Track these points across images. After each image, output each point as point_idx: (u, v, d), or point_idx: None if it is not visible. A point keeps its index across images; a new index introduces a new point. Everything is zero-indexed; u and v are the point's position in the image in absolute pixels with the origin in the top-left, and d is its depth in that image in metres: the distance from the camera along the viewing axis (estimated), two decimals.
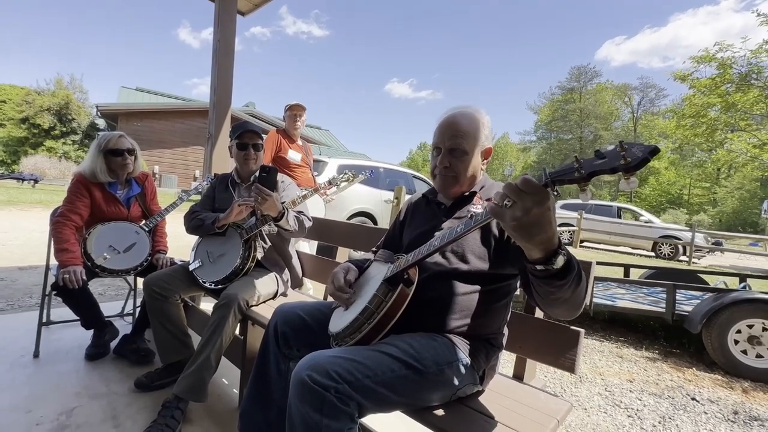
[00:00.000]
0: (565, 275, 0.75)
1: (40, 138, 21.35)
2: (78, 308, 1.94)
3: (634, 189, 3.22)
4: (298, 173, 3.15)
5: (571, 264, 0.76)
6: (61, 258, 1.82)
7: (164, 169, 17.44)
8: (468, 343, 1.06)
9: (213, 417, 1.58)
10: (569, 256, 0.76)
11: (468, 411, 1.03)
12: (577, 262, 0.78)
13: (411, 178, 6.62)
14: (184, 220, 1.93)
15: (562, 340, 1.16)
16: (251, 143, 1.90)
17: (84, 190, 1.99)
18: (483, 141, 1.14)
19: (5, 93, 27.85)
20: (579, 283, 0.79)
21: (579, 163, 0.67)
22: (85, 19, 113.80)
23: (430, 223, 1.19)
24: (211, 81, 2.85)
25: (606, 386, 2.44)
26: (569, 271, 0.75)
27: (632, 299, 3.76)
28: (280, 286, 1.87)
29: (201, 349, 1.53)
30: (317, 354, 0.92)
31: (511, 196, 0.69)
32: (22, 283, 3.32)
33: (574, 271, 0.76)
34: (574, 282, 0.77)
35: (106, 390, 1.71)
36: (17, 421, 1.44)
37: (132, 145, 2.11)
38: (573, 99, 37.11)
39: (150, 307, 1.75)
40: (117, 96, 19.92)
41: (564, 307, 0.84)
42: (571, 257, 0.77)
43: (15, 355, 1.92)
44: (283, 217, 1.66)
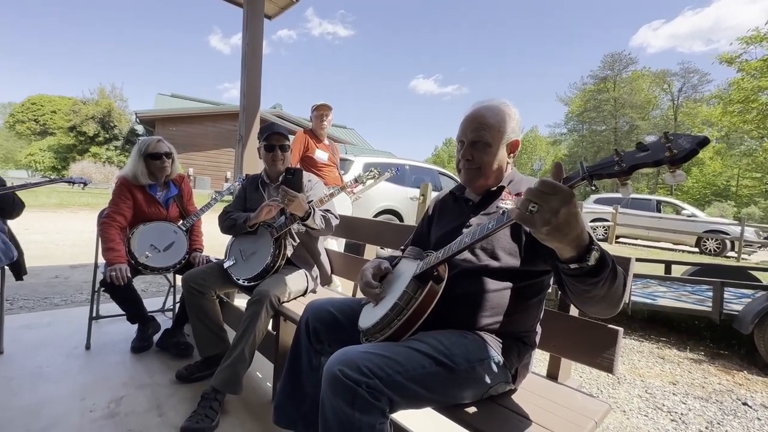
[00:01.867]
0: (599, 272, 0.72)
1: (86, 144, 22.84)
2: (123, 304, 2.06)
3: (681, 183, 3.00)
4: (326, 172, 3.19)
5: (604, 260, 0.73)
6: (107, 257, 1.94)
7: (198, 171, 18.17)
8: (500, 341, 1.04)
9: (248, 409, 1.64)
10: (603, 253, 0.73)
11: (501, 410, 1.01)
12: (611, 258, 0.75)
13: (437, 175, 6.56)
14: (219, 220, 2.00)
15: (598, 339, 1.12)
16: (278, 144, 1.95)
17: (127, 192, 2.11)
18: (509, 133, 1.11)
19: (55, 104, 30.01)
20: (615, 279, 0.76)
21: (619, 156, 0.65)
22: (124, 32, 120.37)
23: (458, 220, 1.18)
24: (240, 85, 2.94)
25: (646, 388, 2.33)
26: (603, 267, 0.73)
27: (674, 297, 3.56)
28: (309, 283, 1.91)
29: (236, 344, 1.58)
30: (348, 349, 0.93)
31: (535, 201, 0.67)
32: (73, 280, 3.58)
33: (608, 268, 0.73)
34: (609, 278, 0.74)
35: (150, 381, 1.81)
36: (73, 409, 1.55)
37: (169, 148, 2.21)
38: (606, 88, 35.36)
39: (188, 302, 1.84)
40: (154, 102, 20.94)
41: (601, 305, 0.81)
42: (605, 253, 0.74)
43: (69, 347, 2.07)
44: (310, 217, 1.69)
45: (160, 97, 21.70)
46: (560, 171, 0.71)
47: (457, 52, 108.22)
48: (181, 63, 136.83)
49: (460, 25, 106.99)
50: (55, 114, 28.42)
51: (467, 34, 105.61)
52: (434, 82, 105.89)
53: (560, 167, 0.72)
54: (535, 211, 0.67)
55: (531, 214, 0.68)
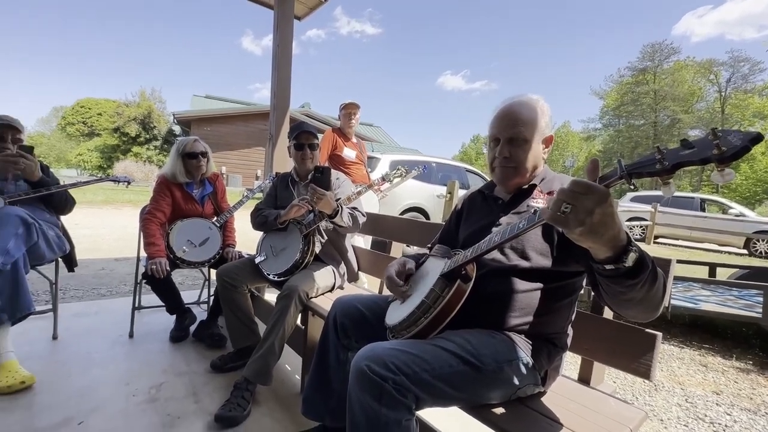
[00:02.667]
0: (637, 274, 0.69)
1: (128, 144, 24.25)
2: (163, 295, 2.19)
3: (731, 182, 2.74)
4: (353, 170, 3.23)
5: (643, 261, 0.69)
6: (149, 251, 2.06)
7: (230, 169, 18.83)
8: (529, 342, 1.02)
9: (278, 400, 1.70)
10: (641, 253, 0.70)
11: (529, 412, 0.99)
12: (650, 259, 0.72)
13: (464, 173, 6.47)
14: (251, 217, 2.07)
15: (635, 344, 1.07)
16: (307, 143, 1.99)
17: (166, 190, 2.23)
18: (543, 128, 1.09)
19: (101, 106, 31.96)
20: (654, 282, 0.72)
21: (661, 154, 0.61)
22: (162, 35, 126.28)
23: (487, 219, 1.16)
24: (271, 85, 3.01)
25: (686, 397, 2.21)
26: (641, 269, 0.69)
27: (719, 302, 3.35)
28: (337, 279, 1.95)
29: (266, 337, 1.64)
30: (375, 345, 0.94)
31: (568, 201, 0.65)
32: (118, 272, 3.81)
33: (647, 270, 0.70)
34: (647, 281, 0.70)
35: (187, 369, 1.90)
36: (118, 392, 1.66)
37: (205, 148, 2.31)
38: (646, 80, 33.46)
39: (222, 296, 1.92)
40: (190, 104, 21.84)
41: (638, 309, 0.77)
42: (644, 254, 0.70)
43: (115, 335, 2.21)
44: (338, 214, 1.72)
45: (196, 98, 22.62)
46: (596, 167, 0.68)
47: (486, 46, 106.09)
48: (215, 64, 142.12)
49: (491, 18, 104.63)
50: (100, 116, 30.31)
51: (498, 27, 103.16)
52: (462, 78, 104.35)
53: (596, 164, 0.69)
54: (568, 212, 0.65)
55: (564, 215, 0.66)
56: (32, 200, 1.94)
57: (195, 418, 1.52)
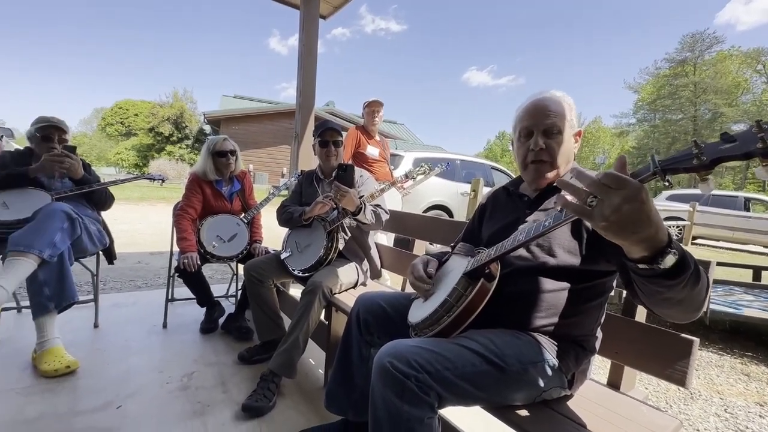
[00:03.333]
0: (676, 275, 0.65)
1: (162, 144, 25.34)
2: (194, 288, 2.28)
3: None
4: (377, 168, 3.24)
5: (685, 263, 0.65)
6: (181, 245, 2.15)
7: (257, 167, 19.31)
8: (555, 344, 1.00)
9: (302, 393, 1.73)
10: (682, 254, 0.65)
11: (555, 415, 0.97)
12: (693, 261, 0.67)
13: (489, 170, 6.36)
14: (277, 214, 2.12)
15: (669, 349, 1.02)
16: (332, 140, 2.01)
17: (197, 187, 2.32)
18: (573, 122, 1.07)
19: (137, 107, 33.55)
20: (696, 283, 0.67)
21: (699, 149, 0.58)
22: (193, 39, 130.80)
23: (512, 216, 1.14)
24: (296, 84, 3.07)
25: (726, 407, 2.09)
26: (682, 271, 0.65)
27: (764, 308, 3.14)
28: (360, 276, 1.96)
29: (291, 331, 1.68)
30: (398, 342, 0.94)
31: (596, 193, 0.62)
32: (152, 265, 4.00)
33: (689, 271, 0.65)
34: (689, 282, 0.66)
35: (215, 360, 1.98)
36: (153, 379, 1.75)
37: (233, 146, 2.39)
38: (685, 72, 31.62)
39: (249, 290, 1.98)
40: (219, 103, 22.55)
41: (677, 309, 0.72)
42: (686, 255, 0.66)
43: (150, 325, 2.33)
44: (361, 212, 1.74)
45: (225, 98, 23.32)
46: (623, 165, 0.64)
47: (514, 40, 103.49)
48: (243, 65, 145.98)
49: (518, 11, 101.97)
50: (137, 116, 31.84)
51: (526, 21, 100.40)
52: (488, 74, 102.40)
53: (624, 161, 0.65)
54: (594, 205, 0.62)
55: (589, 208, 0.63)
56: (76, 197, 2.07)
57: (223, 406, 1.58)
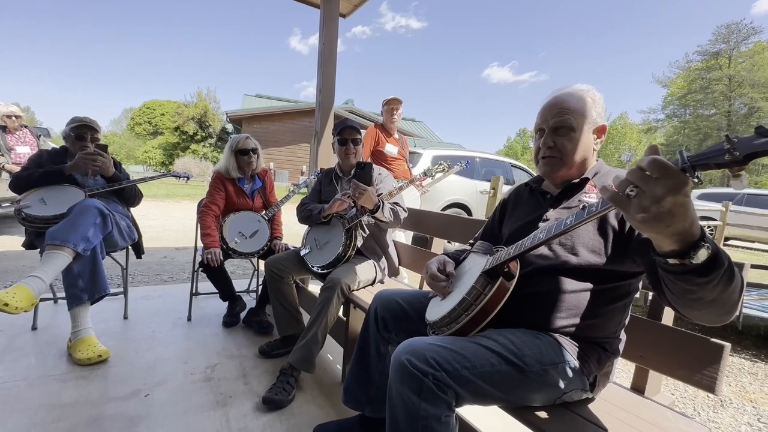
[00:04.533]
0: (709, 271, 0.61)
1: (187, 142, 26.11)
2: (217, 283, 2.35)
3: None
4: (395, 166, 3.24)
5: (718, 259, 0.62)
6: (205, 241, 2.22)
7: (277, 165, 19.64)
8: (576, 345, 0.98)
9: (320, 387, 1.76)
10: (715, 249, 0.62)
11: (576, 418, 0.95)
12: (727, 257, 0.63)
13: (509, 168, 6.25)
14: (297, 211, 2.16)
15: (698, 354, 0.98)
16: (350, 138, 2.03)
17: (221, 184, 2.38)
18: (594, 118, 1.03)
19: (163, 107, 34.65)
20: (730, 282, 0.64)
21: (731, 143, 0.55)
22: (215, 37, 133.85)
23: (533, 214, 1.12)
24: (316, 83, 3.10)
25: (759, 416, 1.99)
26: (715, 267, 0.61)
27: None
28: (378, 274, 1.97)
29: (310, 326, 1.71)
30: (416, 340, 0.94)
31: (636, 183, 0.58)
32: (178, 260, 4.14)
33: (723, 268, 0.62)
34: (722, 280, 0.63)
35: (237, 353, 2.03)
36: (178, 369, 1.81)
37: (255, 145, 2.44)
38: (719, 65, 30.04)
39: (269, 285, 2.02)
40: (241, 103, 23.03)
41: (708, 310, 0.69)
42: (719, 251, 0.62)
43: (175, 317, 2.41)
44: (379, 210, 1.74)
45: (247, 97, 23.80)
46: (656, 154, 0.59)
47: (536, 35, 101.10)
48: (264, 65, 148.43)
49: (541, 5, 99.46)
50: (163, 116, 32.92)
51: (548, 15, 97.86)
52: (509, 70, 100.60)
53: (656, 149, 0.61)
54: (633, 196, 0.59)
55: (627, 198, 0.59)
56: (107, 194, 2.17)
57: (245, 398, 1.62)
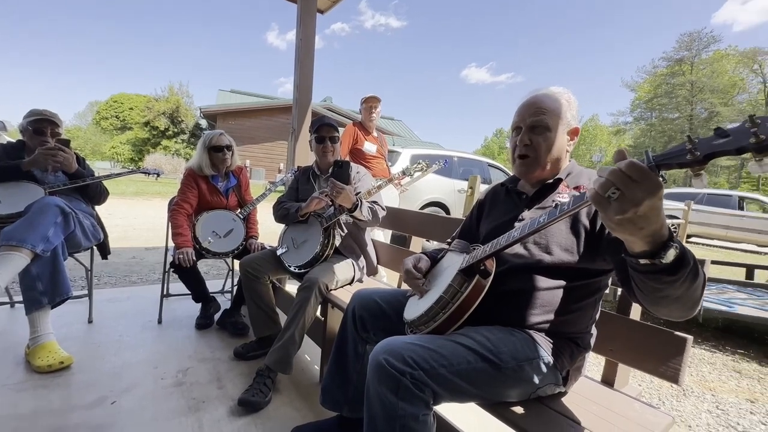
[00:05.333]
0: (676, 271, 0.65)
1: (158, 138, 25.15)
2: (189, 284, 2.27)
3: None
4: (374, 164, 3.23)
5: (684, 258, 0.65)
6: (176, 241, 2.14)
7: (253, 162, 19.23)
8: (550, 341, 1.00)
9: (298, 389, 1.74)
10: (683, 250, 0.66)
11: (549, 412, 0.98)
12: (692, 256, 0.67)
13: (486, 167, 6.36)
14: (273, 209, 2.11)
15: (663, 346, 1.03)
16: (328, 136, 2.00)
17: (193, 182, 2.30)
18: (569, 120, 1.06)
19: (132, 101, 33.25)
20: (695, 279, 0.68)
21: (692, 144, 0.57)
22: (189, 31, 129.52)
23: (509, 214, 1.14)
24: (293, 79, 3.04)
25: (717, 404, 2.11)
26: (682, 266, 0.65)
27: (757, 306, 3.17)
28: (356, 273, 1.96)
29: (287, 327, 1.67)
30: (393, 339, 0.94)
31: (618, 185, 0.60)
32: (147, 261, 3.98)
33: (688, 267, 0.65)
34: (688, 278, 0.66)
35: (211, 356, 1.97)
36: (148, 375, 1.74)
37: (230, 141, 2.37)
38: (682, 71, 31.71)
39: (245, 286, 1.97)
40: (216, 98, 22.38)
41: (673, 307, 0.73)
42: (686, 251, 0.66)
43: (144, 320, 2.32)
44: (357, 208, 1.73)
45: (221, 92, 23.16)
46: (624, 158, 0.63)
47: (514, 38, 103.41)
48: (241, 60, 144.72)
49: (518, 8, 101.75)
50: (132, 110, 31.56)
51: (526, 18, 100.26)
52: (487, 71, 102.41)
53: (623, 154, 0.63)
54: (614, 198, 0.61)
55: (608, 200, 0.62)
56: (70, 191, 2.05)
57: (218, 402, 1.58)
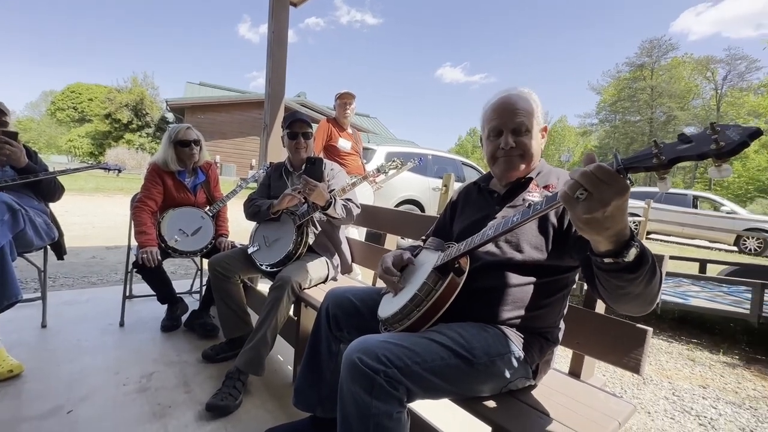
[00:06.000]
0: (636, 269, 0.69)
1: (120, 131, 23.84)
2: (154, 284, 2.16)
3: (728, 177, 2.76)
4: (348, 161, 3.20)
5: (644, 257, 0.69)
6: (139, 239, 2.03)
7: (224, 158, 18.63)
8: (521, 336, 1.02)
9: (270, 390, 1.70)
10: (642, 248, 0.70)
11: (520, 405, 1.00)
12: (651, 255, 0.72)
13: (460, 165, 6.45)
14: (244, 207, 2.05)
15: (625, 338, 1.08)
16: (301, 132, 1.96)
17: (158, 178, 2.19)
18: (540, 119, 1.10)
19: (92, 92, 31.35)
20: (653, 276, 0.72)
21: (658, 148, 0.60)
22: (154, 19, 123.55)
23: (482, 212, 1.16)
24: (266, 73, 2.96)
25: (674, 390, 2.24)
26: (642, 264, 0.69)
27: (709, 298, 3.39)
28: (330, 271, 1.94)
29: (258, 327, 1.63)
30: (367, 338, 0.93)
31: (587, 187, 0.62)
32: (109, 260, 3.77)
33: (647, 265, 0.70)
34: (647, 276, 0.71)
35: (177, 359, 1.89)
36: (108, 381, 1.65)
37: (197, 136, 2.27)
38: (643, 76, 33.47)
39: (214, 285, 1.90)
40: (183, 91, 21.49)
41: (634, 303, 0.77)
42: (645, 249, 0.70)
43: (105, 323, 2.19)
44: (331, 206, 1.71)
45: (189, 85, 22.27)
46: (593, 161, 0.65)
47: (488, 38, 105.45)
48: (210, 52, 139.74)
49: (493, 9, 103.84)
50: (92, 102, 29.72)
51: (500, 20, 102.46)
52: (462, 71, 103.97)
53: (592, 158, 0.66)
54: (582, 199, 0.63)
55: (577, 200, 0.64)
56: (19, 187, 1.90)
57: (186, 407, 1.52)
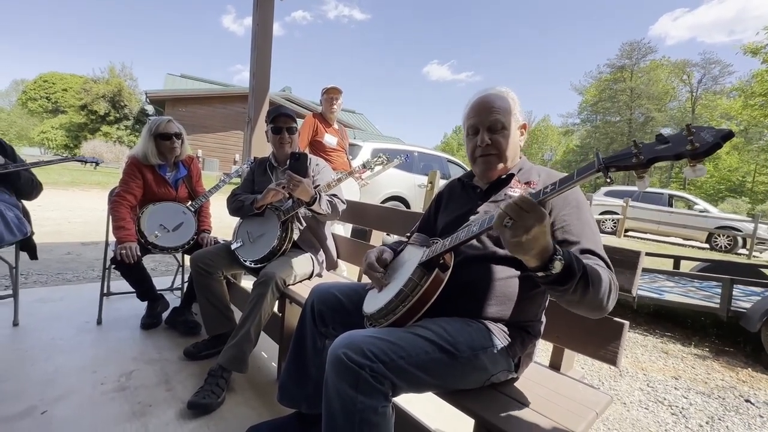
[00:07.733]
0: (565, 281, 0.76)
1: (97, 124, 23.01)
2: (133, 281, 2.11)
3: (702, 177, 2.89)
4: (334, 157, 3.18)
5: (571, 269, 0.76)
6: (118, 235, 1.97)
7: (207, 152, 18.24)
8: (504, 330, 1.04)
9: (254, 387, 1.68)
10: (569, 261, 0.76)
11: (502, 397, 1.02)
12: (581, 267, 0.78)
13: (445, 163, 6.50)
14: (227, 202, 2.01)
15: (603, 332, 1.11)
16: (285, 127, 1.94)
17: (137, 171, 2.13)
18: (518, 116, 1.13)
19: (67, 82, 30.15)
20: (587, 288, 0.79)
21: (638, 148, 0.64)
22: (133, 8, 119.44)
23: (465, 207, 1.17)
24: (250, 66, 2.91)
25: (648, 382, 2.33)
26: (570, 275, 0.76)
27: (682, 293, 3.53)
28: (315, 267, 1.93)
29: (242, 324, 1.61)
30: (353, 333, 0.94)
31: (512, 216, 0.72)
32: (85, 257, 3.65)
33: (575, 277, 0.76)
34: (579, 287, 0.77)
35: (158, 357, 1.86)
36: (85, 380, 1.60)
37: (179, 129, 2.22)
38: (623, 78, 34.33)
39: (196, 282, 1.87)
40: (163, 83, 20.87)
41: (582, 309, 0.84)
42: (572, 262, 0.76)
43: (81, 321, 2.13)
44: (316, 202, 1.69)
45: (170, 77, 21.63)
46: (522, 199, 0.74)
47: (475, 37, 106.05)
48: (193, 44, 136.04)
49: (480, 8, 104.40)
50: (66, 92, 28.56)
51: (487, 18, 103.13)
52: (448, 69, 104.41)
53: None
54: (509, 226, 0.72)
55: (505, 227, 0.73)
56: None
57: (167, 406, 1.49)
